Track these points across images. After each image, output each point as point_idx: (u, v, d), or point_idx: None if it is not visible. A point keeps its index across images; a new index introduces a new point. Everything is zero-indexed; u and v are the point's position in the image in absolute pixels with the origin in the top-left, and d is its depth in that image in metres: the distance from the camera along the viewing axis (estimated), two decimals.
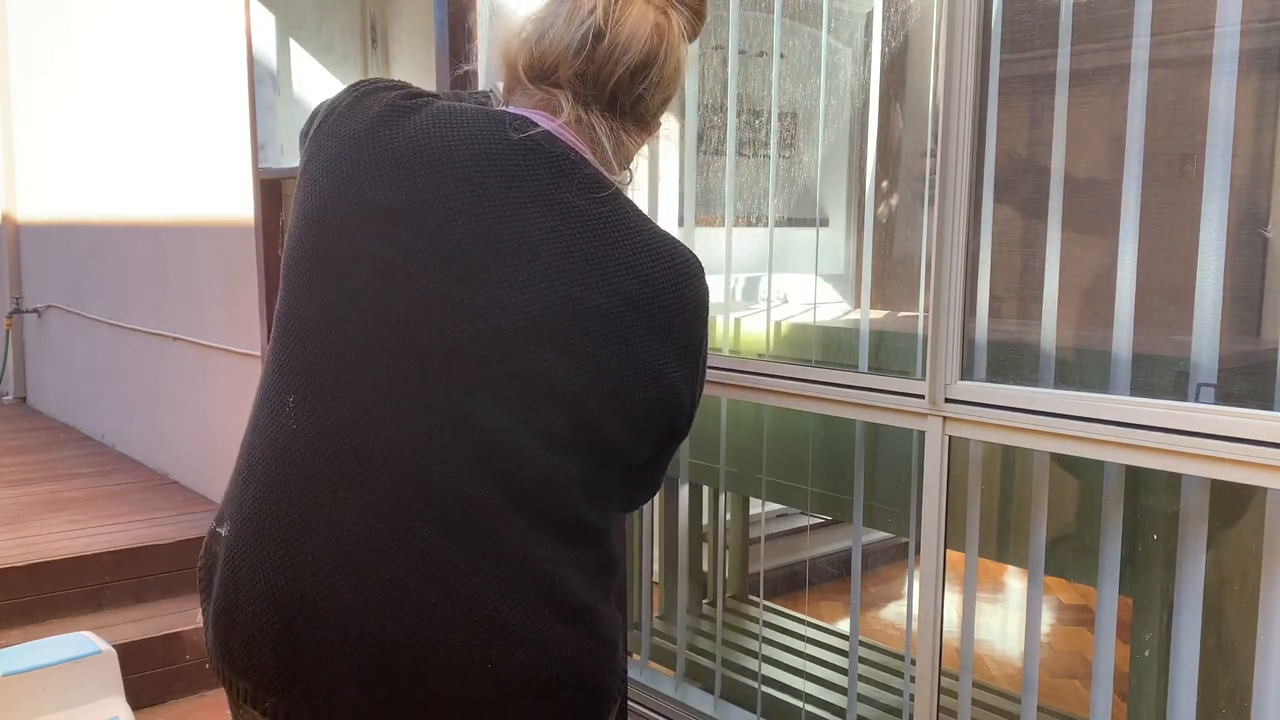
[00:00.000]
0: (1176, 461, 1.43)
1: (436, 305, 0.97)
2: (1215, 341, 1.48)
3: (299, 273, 1.03)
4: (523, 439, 0.98)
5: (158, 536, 3.49)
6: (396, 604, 0.96)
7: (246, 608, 1.01)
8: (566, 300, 1.00)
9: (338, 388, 0.98)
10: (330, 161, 1.05)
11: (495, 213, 1.00)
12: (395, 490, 0.96)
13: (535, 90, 1.10)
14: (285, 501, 0.99)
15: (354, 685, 0.98)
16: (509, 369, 0.98)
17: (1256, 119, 1.50)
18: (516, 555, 0.98)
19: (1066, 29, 1.61)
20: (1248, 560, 1.50)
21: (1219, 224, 1.45)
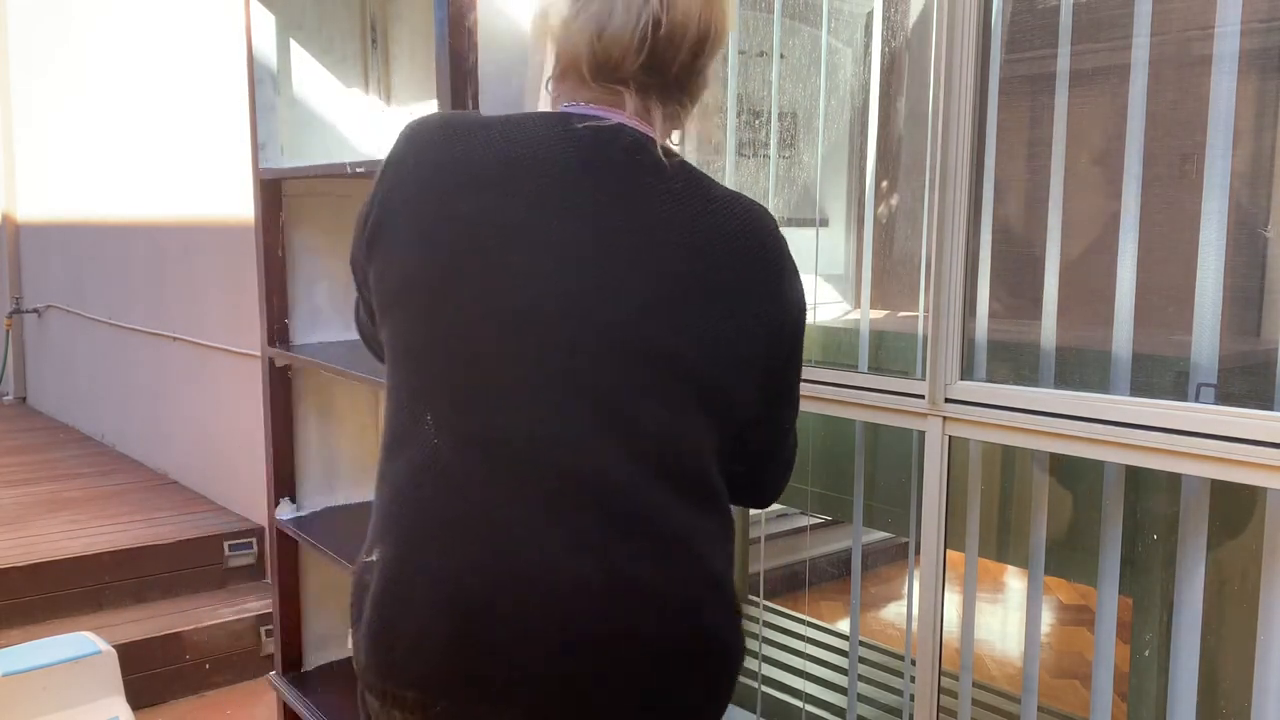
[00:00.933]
0: (1176, 461, 1.43)
1: (554, 303, 1.01)
2: (1215, 341, 1.48)
3: (410, 298, 1.06)
4: (658, 416, 1.03)
5: (158, 536, 3.49)
6: (558, 590, 0.99)
7: (410, 618, 1.03)
8: (673, 277, 1.05)
9: (475, 396, 1.02)
10: (418, 189, 1.07)
11: (591, 208, 1.04)
12: (544, 481, 1.00)
13: (596, 87, 1.11)
14: (439, 511, 1.03)
15: (525, 675, 1.00)
16: (633, 352, 1.02)
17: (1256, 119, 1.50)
18: (665, 529, 1.03)
19: (1066, 29, 1.61)
20: (1248, 560, 1.50)
21: (1219, 224, 1.45)
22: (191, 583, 3.45)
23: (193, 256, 4.16)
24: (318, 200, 2.49)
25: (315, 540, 2.32)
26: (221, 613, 3.23)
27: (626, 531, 1.01)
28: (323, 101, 2.48)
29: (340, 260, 2.55)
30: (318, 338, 2.53)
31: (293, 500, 2.52)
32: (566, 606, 1.00)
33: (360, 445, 2.64)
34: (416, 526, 1.04)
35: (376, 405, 2.66)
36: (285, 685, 2.49)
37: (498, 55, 1.68)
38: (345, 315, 2.58)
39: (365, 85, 2.55)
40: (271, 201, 2.40)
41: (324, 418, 2.56)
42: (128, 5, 4.54)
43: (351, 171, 2.06)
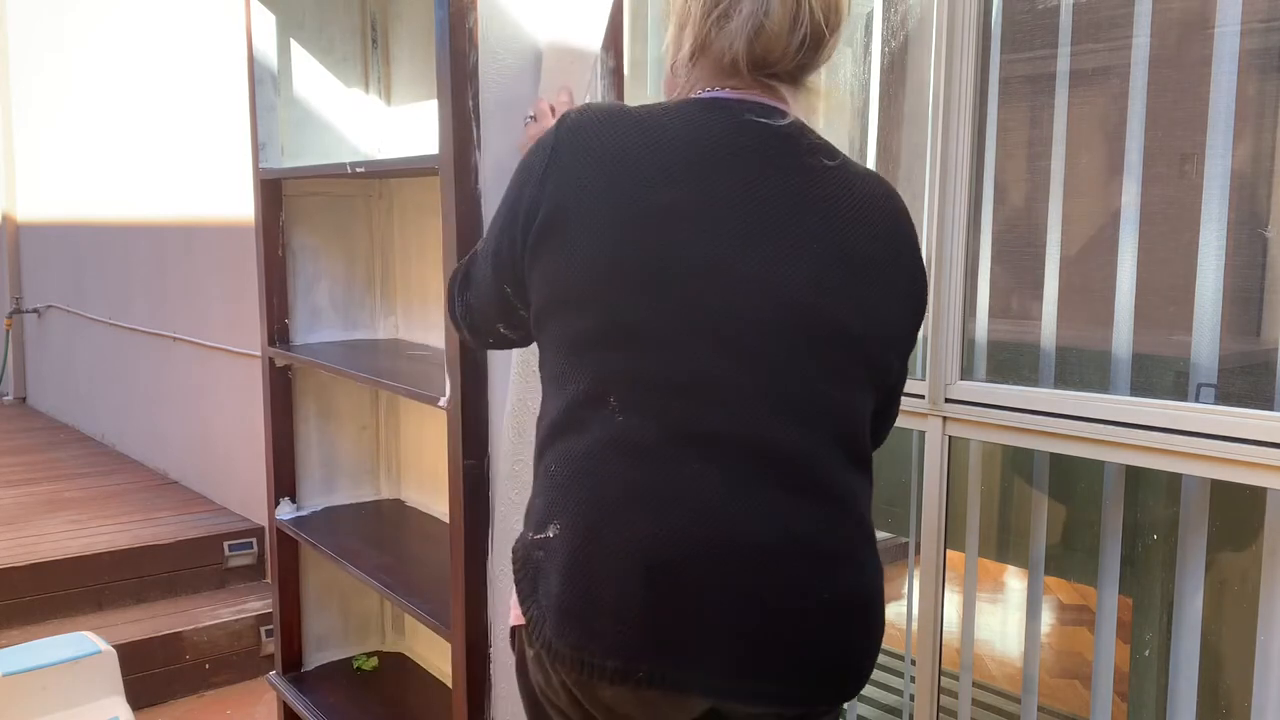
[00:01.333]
0: (1176, 461, 1.43)
1: (741, 288, 1.06)
2: (1215, 341, 1.48)
3: (597, 293, 1.08)
4: (833, 390, 1.10)
5: (158, 536, 3.49)
6: (748, 554, 1.05)
7: (607, 588, 1.05)
8: (844, 256, 1.10)
9: (659, 378, 1.06)
10: (601, 186, 1.09)
11: (769, 194, 1.09)
12: (729, 453, 1.06)
13: (749, 79, 1.14)
14: (628, 484, 1.06)
15: (721, 637, 1.05)
16: (813, 331, 1.09)
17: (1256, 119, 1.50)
18: (837, 494, 1.10)
19: (1066, 29, 1.61)
20: (1248, 560, 1.50)
21: (1219, 224, 1.45)
22: (191, 583, 3.45)
23: (193, 256, 4.16)
24: (318, 200, 2.49)
25: (315, 540, 2.32)
26: (221, 613, 3.23)
27: (805, 497, 1.08)
28: (323, 101, 2.48)
29: (340, 260, 2.55)
30: (318, 338, 2.53)
31: (293, 500, 2.52)
32: (756, 570, 1.05)
33: (360, 445, 2.64)
34: (605, 500, 1.07)
35: (376, 405, 2.66)
36: (285, 685, 2.49)
37: (498, 55, 1.68)
38: (345, 315, 2.58)
39: (365, 85, 2.55)
40: (271, 201, 2.40)
41: (324, 418, 2.57)
42: (128, 5, 4.54)
43: (351, 171, 2.06)
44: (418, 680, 2.56)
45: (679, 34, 1.20)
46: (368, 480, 2.67)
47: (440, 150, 1.68)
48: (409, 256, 2.57)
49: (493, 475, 1.76)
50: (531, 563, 1.12)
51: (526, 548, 1.14)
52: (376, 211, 2.60)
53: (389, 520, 2.52)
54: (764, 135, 1.11)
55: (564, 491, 1.10)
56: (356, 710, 2.37)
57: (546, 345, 1.16)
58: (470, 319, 1.32)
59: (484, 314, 1.28)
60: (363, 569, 2.11)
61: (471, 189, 1.68)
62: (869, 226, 1.13)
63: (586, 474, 1.09)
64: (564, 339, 1.12)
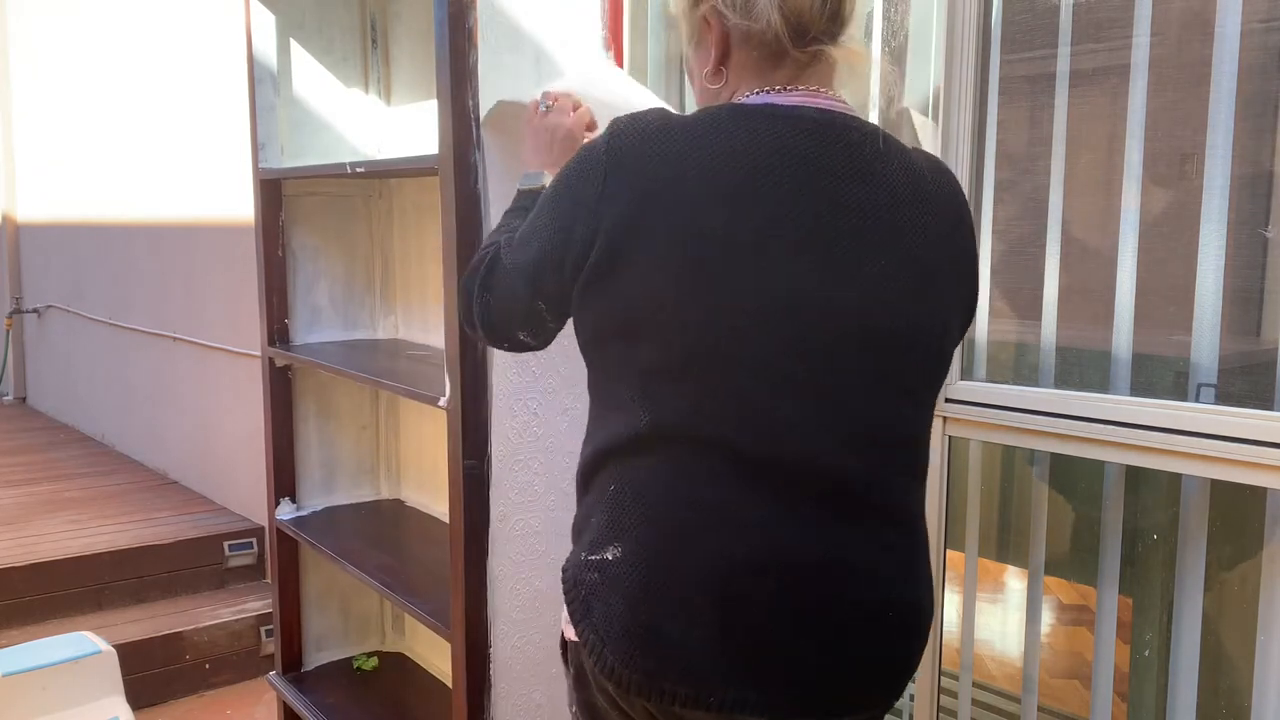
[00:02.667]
0: (1176, 461, 1.43)
1: (812, 305, 1.04)
2: (1215, 341, 1.48)
3: (665, 315, 1.04)
4: (903, 407, 1.10)
5: (158, 536, 3.49)
6: (816, 576, 1.05)
7: (679, 613, 1.04)
8: (906, 267, 1.08)
9: (729, 405, 1.04)
10: (667, 204, 1.04)
11: (836, 204, 1.05)
12: (802, 479, 1.05)
13: (797, 54, 1.10)
14: (695, 508, 1.05)
15: (794, 659, 1.05)
16: (877, 347, 1.07)
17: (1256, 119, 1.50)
18: (904, 517, 1.12)
19: (1066, 29, 1.61)
20: (1248, 560, 1.50)
21: (1219, 224, 1.45)
22: (191, 583, 3.45)
23: (193, 256, 4.16)
24: (318, 200, 2.49)
25: (315, 540, 2.32)
26: (221, 613, 3.23)
27: (873, 522, 1.09)
28: (323, 101, 2.48)
29: (340, 260, 2.55)
30: (318, 338, 2.53)
31: (293, 500, 2.52)
32: (824, 592, 1.06)
33: (360, 445, 2.64)
34: (673, 525, 1.05)
35: (376, 405, 2.66)
36: (285, 685, 2.49)
37: (498, 55, 1.68)
38: (345, 315, 2.58)
39: (365, 85, 2.55)
40: (271, 201, 2.40)
41: (324, 418, 2.56)
42: (128, 5, 4.54)
43: (351, 171, 2.06)
44: (418, 680, 2.56)
45: (698, 50, 1.17)
46: (368, 480, 2.67)
47: (440, 150, 1.68)
48: (409, 256, 2.57)
49: (493, 475, 1.76)
50: (584, 584, 1.10)
51: (578, 568, 1.11)
52: (376, 211, 2.60)
53: (389, 520, 2.52)
54: (823, 139, 1.07)
55: (626, 512, 1.08)
56: (356, 710, 2.37)
57: (604, 368, 1.13)
58: (489, 319, 1.26)
59: (506, 319, 1.24)
60: (363, 569, 2.11)
61: (471, 189, 1.68)
62: (931, 231, 1.10)
63: (653, 497, 1.07)
64: (627, 365, 1.09)
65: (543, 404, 1.81)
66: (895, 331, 1.07)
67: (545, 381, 1.81)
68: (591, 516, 1.12)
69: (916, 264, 1.08)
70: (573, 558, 1.14)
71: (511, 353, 1.56)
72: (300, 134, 2.44)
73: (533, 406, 1.80)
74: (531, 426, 1.80)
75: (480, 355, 1.72)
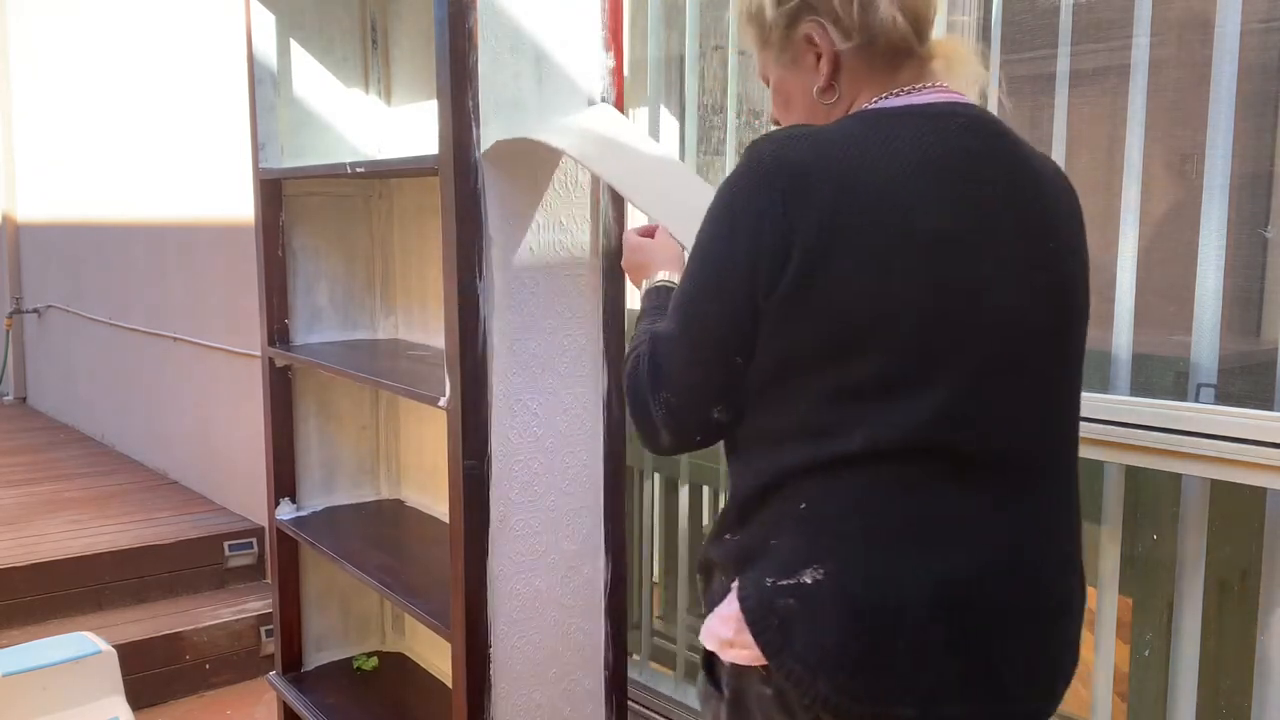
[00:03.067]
0: (1176, 462, 1.43)
1: (1002, 306, 1.03)
2: (1215, 341, 1.48)
3: (862, 335, 1.00)
4: (1075, 394, 1.12)
5: (158, 536, 3.49)
6: (1034, 583, 1.06)
7: (905, 632, 1.00)
8: (1072, 253, 1.10)
9: (938, 414, 1.01)
10: (850, 211, 1.00)
11: (1003, 199, 1.05)
12: (1013, 484, 1.05)
13: (921, 55, 1.11)
14: (911, 524, 1.03)
15: (1019, 664, 1.05)
16: (1059, 344, 1.09)
17: (1256, 119, 1.50)
18: (1074, 503, 1.13)
19: (1066, 29, 1.61)
20: (1248, 560, 1.50)
21: (1219, 224, 1.45)
22: (191, 583, 3.45)
23: (193, 256, 4.16)
24: (318, 200, 2.49)
25: (315, 540, 2.32)
26: (221, 613, 3.23)
27: (1066, 510, 1.11)
28: (323, 101, 2.48)
29: (340, 260, 2.55)
30: (318, 338, 2.53)
31: (293, 500, 2.52)
32: (1035, 590, 1.06)
33: (360, 445, 2.64)
34: (885, 538, 1.02)
35: (376, 405, 2.66)
36: (285, 685, 2.49)
37: (498, 55, 1.68)
38: (345, 315, 2.58)
39: (365, 85, 2.55)
40: (271, 201, 2.40)
41: (324, 418, 2.56)
42: (128, 5, 4.54)
43: (351, 171, 2.06)
44: (418, 680, 2.56)
45: (798, 70, 1.13)
46: (368, 480, 2.67)
47: (440, 150, 1.68)
48: (409, 257, 2.57)
49: (493, 475, 1.76)
50: (777, 611, 1.03)
51: (767, 594, 1.04)
52: (376, 211, 2.60)
53: (389, 520, 2.52)
54: (984, 136, 1.06)
55: (826, 532, 1.03)
56: (356, 710, 2.37)
57: (788, 399, 1.05)
58: (676, 418, 1.12)
59: (694, 406, 1.11)
60: (363, 569, 2.11)
61: (471, 189, 1.68)
62: (1075, 218, 1.13)
63: (860, 512, 1.02)
64: (821, 390, 1.02)
65: (543, 404, 1.81)
66: (1070, 317, 1.09)
67: (545, 381, 1.81)
68: (772, 539, 1.05)
69: (1074, 253, 1.10)
70: (752, 585, 1.05)
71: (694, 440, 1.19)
72: (300, 134, 2.44)
73: (533, 406, 1.80)
74: (531, 426, 1.80)
75: (480, 355, 1.72)
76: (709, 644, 1.12)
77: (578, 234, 1.81)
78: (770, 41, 1.16)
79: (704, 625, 1.13)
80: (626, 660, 1.99)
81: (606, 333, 1.87)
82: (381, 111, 2.57)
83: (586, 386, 1.86)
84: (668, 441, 1.15)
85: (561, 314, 1.82)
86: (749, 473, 1.09)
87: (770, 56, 1.17)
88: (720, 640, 1.09)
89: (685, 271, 1.10)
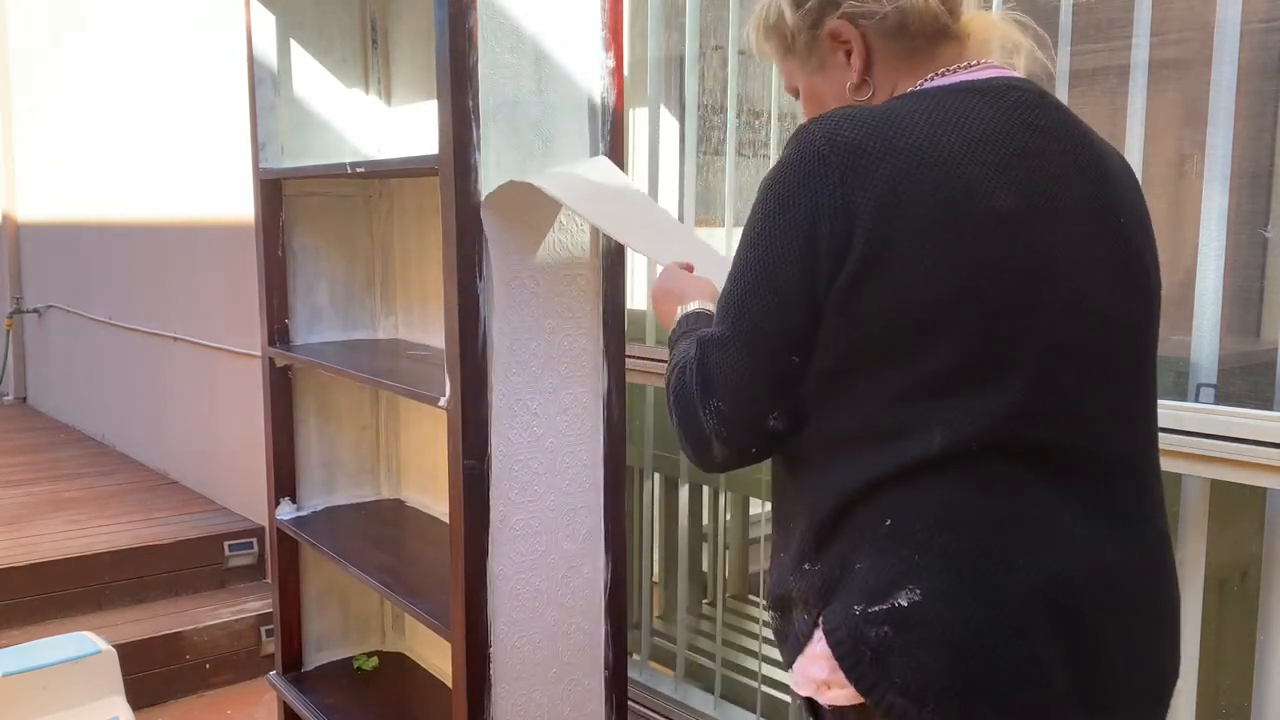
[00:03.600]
0: (1176, 462, 1.43)
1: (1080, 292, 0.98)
2: (1215, 341, 1.48)
3: (934, 325, 0.94)
4: (1153, 383, 1.07)
5: (158, 536, 3.49)
6: (1136, 584, 1.01)
7: (1017, 650, 0.94)
8: (1144, 231, 1.05)
9: (1021, 410, 0.96)
10: (914, 190, 0.94)
11: (1067, 175, 1.00)
12: (1099, 479, 1.00)
13: (960, 33, 1.07)
14: (1013, 523, 0.96)
15: (1129, 668, 1.00)
16: (1141, 334, 1.04)
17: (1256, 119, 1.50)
18: (1162, 501, 1.07)
19: (1066, 29, 1.61)
20: (1247, 560, 1.50)
21: (1219, 224, 1.45)
22: (191, 583, 3.45)
23: (193, 256, 4.16)
24: (318, 200, 2.49)
25: (315, 540, 2.32)
26: (221, 613, 3.23)
27: (1151, 500, 1.05)
28: (323, 101, 2.48)
29: (340, 260, 2.55)
30: (318, 338, 2.53)
31: (293, 500, 2.52)
32: (1145, 600, 1.02)
33: (360, 445, 2.64)
34: (983, 551, 0.94)
35: (377, 405, 2.66)
36: (285, 685, 2.49)
37: (498, 55, 1.68)
38: (345, 315, 2.58)
39: (365, 85, 2.55)
40: (271, 201, 2.40)
41: (324, 418, 2.56)
42: (128, 5, 4.54)
43: (351, 171, 2.06)
44: (418, 680, 2.56)
45: (827, 71, 1.10)
46: (368, 480, 2.67)
47: (440, 150, 1.68)
48: (409, 257, 2.57)
49: (493, 475, 1.76)
50: (870, 641, 0.94)
51: (857, 624, 0.95)
52: (377, 211, 2.60)
53: (389, 520, 2.52)
54: (1041, 109, 1.00)
55: (917, 547, 0.95)
56: (356, 710, 2.37)
57: (854, 398, 0.98)
58: (727, 428, 1.04)
59: (748, 412, 1.03)
60: (363, 569, 2.11)
61: (471, 189, 1.68)
62: (1137, 192, 1.07)
63: (955, 523, 0.95)
64: (891, 387, 0.96)
65: (543, 404, 1.81)
66: (1144, 296, 1.03)
67: (545, 381, 1.81)
68: (855, 563, 0.97)
69: (1143, 227, 1.05)
70: (839, 616, 0.97)
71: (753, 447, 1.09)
72: (300, 134, 2.44)
73: (533, 406, 1.80)
74: (531, 426, 1.80)
75: (480, 355, 1.72)
76: (803, 690, 1.03)
77: (578, 234, 1.81)
78: (794, 49, 1.12)
79: (794, 668, 1.04)
80: (626, 660, 1.99)
81: (606, 333, 1.87)
82: (381, 111, 2.57)
83: (586, 386, 1.86)
84: (720, 454, 1.06)
85: (561, 314, 1.82)
86: (821, 489, 1.01)
87: (796, 65, 1.14)
88: (815, 683, 1.01)
89: (732, 273, 1.03)
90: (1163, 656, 1.05)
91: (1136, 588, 1.01)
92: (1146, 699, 1.04)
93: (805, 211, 0.95)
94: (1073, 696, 0.95)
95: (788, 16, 1.11)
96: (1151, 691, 1.04)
